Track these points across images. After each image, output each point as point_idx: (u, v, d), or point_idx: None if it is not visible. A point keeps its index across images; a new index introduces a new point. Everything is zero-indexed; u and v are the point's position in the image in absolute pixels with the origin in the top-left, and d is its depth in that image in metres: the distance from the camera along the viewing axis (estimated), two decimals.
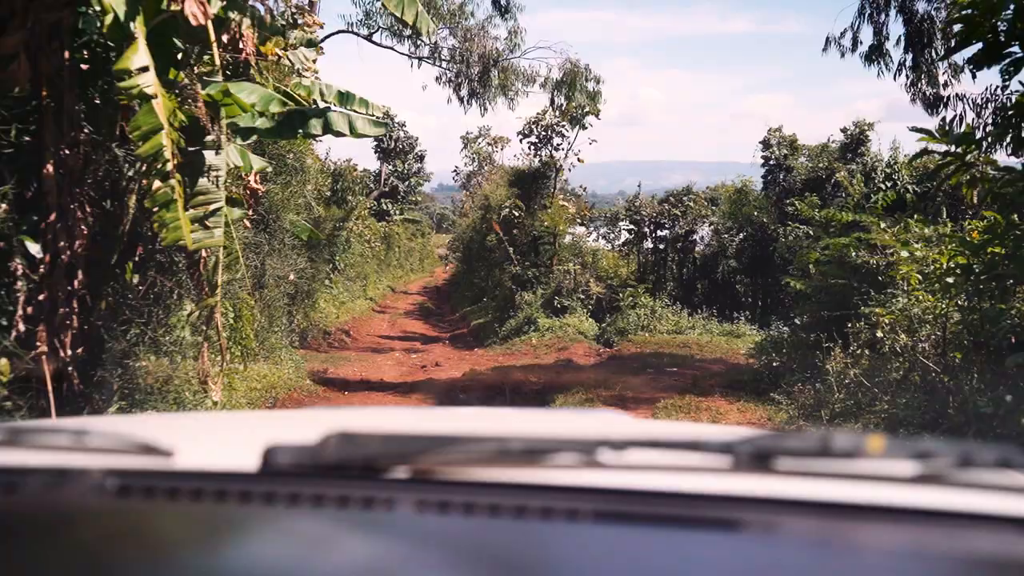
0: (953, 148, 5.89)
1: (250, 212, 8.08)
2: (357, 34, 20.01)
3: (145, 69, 4.64)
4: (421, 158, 45.74)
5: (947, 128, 6.16)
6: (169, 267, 6.09)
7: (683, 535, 0.92)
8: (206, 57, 6.70)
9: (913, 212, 9.00)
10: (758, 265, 21.34)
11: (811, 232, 19.76)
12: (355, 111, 8.84)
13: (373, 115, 9.43)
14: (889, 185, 17.86)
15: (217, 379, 7.61)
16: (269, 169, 7.26)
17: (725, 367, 12.95)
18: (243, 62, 5.92)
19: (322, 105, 8.50)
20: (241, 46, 5.79)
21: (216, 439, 1.47)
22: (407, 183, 44.28)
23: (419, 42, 19.66)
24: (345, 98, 9.54)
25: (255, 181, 7.90)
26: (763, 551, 0.89)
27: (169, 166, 4.68)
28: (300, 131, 6.53)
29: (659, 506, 0.96)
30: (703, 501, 0.96)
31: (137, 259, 5.73)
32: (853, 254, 8.46)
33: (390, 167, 43.31)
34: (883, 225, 8.31)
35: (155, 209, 4.75)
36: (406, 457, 1.03)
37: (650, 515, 0.94)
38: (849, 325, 8.42)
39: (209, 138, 5.41)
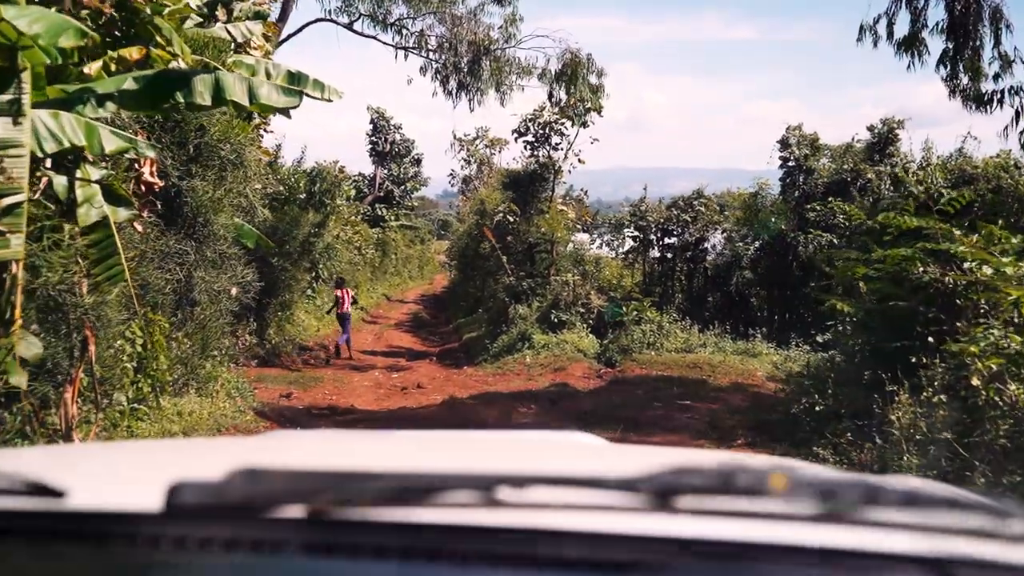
0: None
1: (144, 213, 6.28)
2: (336, 22, 18.26)
3: None
4: (418, 161, 43.92)
5: None
6: None
7: None
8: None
9: (996, 216, 7.17)
10: (775, 276, 19.49)
11: (835, 240, 17.94)
12: (308, 92, 7.15)
13: (326, 96, 7.76)
14: (922, 189, 16.01)
15: (92, 429, 5.82)
16: (151, 155, 5.49)
17: (746, 398, 11.09)
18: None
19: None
20: None
21: (114, 475, 1.32)
22: (403, 187, 42.47)
23: (404, 31, 17.89)
24: (296, 79, 7.87)
25: (151, 173, 6.10)
26: None
27: None
28: (181, 99, 4.73)
29: (552, 548, 0.91)
30: (598, 541, 0.92)
31: None
32: (919, 269, 6.63)
33: (385, 171, 41.47)
34: (957, 233, 6.47)
35: None
36: (305, 496, 0.96)
37: (542, 557, 0.91)
38: (913, 360, 6.56)
39: (3, 98, 3.61)
